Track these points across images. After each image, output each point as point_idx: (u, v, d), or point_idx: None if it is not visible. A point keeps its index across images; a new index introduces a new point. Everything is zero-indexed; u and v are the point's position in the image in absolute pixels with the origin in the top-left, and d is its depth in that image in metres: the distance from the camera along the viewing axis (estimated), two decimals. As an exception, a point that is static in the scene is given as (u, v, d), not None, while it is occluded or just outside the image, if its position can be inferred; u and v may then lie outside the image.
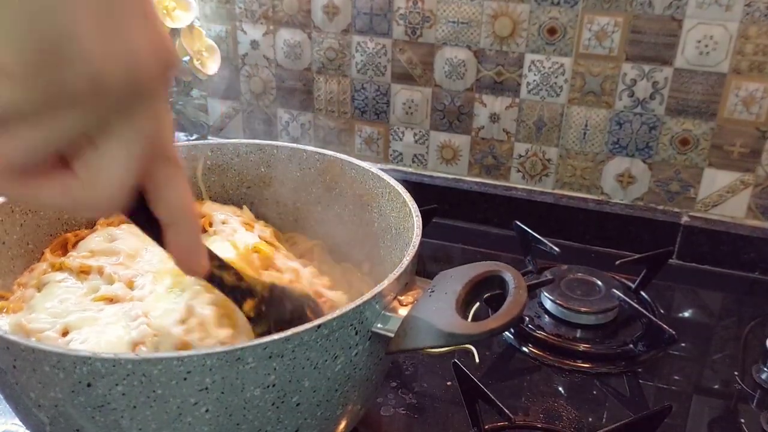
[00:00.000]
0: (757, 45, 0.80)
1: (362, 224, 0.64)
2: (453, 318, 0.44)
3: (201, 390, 0.39)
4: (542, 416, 0.62)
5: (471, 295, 0.47)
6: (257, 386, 0.41)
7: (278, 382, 0.41)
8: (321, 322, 0.41)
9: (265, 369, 0.40)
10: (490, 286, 0.48)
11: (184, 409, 0.40)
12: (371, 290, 0.45)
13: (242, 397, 0.41)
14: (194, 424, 0.41)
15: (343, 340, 0.43)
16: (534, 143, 0.93)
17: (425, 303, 0.46)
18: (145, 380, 0.38)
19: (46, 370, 0.39)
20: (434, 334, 0.44)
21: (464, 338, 0.43)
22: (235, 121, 1.07)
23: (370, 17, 0.93)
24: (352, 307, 0.43)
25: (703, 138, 0.86)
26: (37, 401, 0.41)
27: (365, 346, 0.45)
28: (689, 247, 0.88)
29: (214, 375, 0.39)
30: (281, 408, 0.43)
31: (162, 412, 0.40)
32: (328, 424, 0.48)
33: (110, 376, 0.38)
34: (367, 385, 0.50)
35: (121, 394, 0.39)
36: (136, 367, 0.38)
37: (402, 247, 0.56)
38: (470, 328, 0.43)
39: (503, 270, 0.47)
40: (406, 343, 0.44)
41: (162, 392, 0.39)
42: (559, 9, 0.85)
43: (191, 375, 0.38)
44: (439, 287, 0.48)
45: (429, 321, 0.44)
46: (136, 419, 0.40)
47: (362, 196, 0.63)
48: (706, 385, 0.68)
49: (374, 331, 0.45)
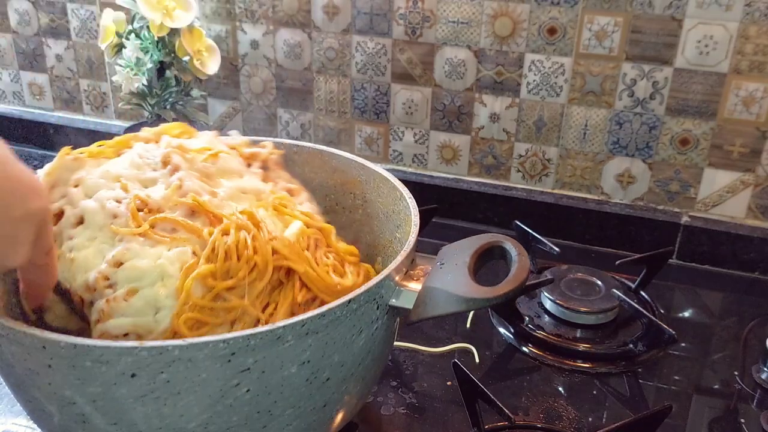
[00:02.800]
0: (757, 45, 0.80)
1: (345, 211, 0.66)
2: (470, 285, 0.48)
3: (243, 371, 0.40)
4: (542, 416, 0.62)
5: (478, 264, 0.51)
6: (294, 363, 0.42)
7: (312, 358, 0.43)
8: (351, 296, 0.44)
9: (301, 346, 0.42)
10: (492, 256, 0.52)
11: (226, 391, 0.41)
12: (386, 268, 0.48)
13: (280, 375, 0.42)
14: (234, 406, 0.42)
15: (367, 315, 0.46)
16: (534, 143, 0.93)
17: (439, 274, 0.50)
18: (191, 365, 0.39)
19: (87, 365, 0.39)
20: (454, 301, 0.47)
21: (483, 302, 0.47)
22: (235, 121, 1.07)
23: (370, 17, 0.93)
24: (374, 282, 0.46)
25: (703, 138, 0.86)
26: (72, 399, 0.41)
27: (383, 321, 0.48)
28: (689, 247, 0.88)
29: (256, 355, 0.40)
30: (313, 384, 0.45)
31: (205, 396, 0.40)
32: (349, 399, 0.50)
33: (156, 364, 0.38)
34: (379, 361, 0.53)
35: (166, 381, 0.39)
36: (182, 352, 0.38)
37: (393, 229, 0.59)
38: (488, 292, 0.47)
39: (503, 240, 0.52)
40: (427, 311, 0.48)
41: (206, 376, 0.39)
42: (559, 9, 0.85)
43: (235, 356, 0.39)
44: (447, 260, 0.52)
45: (447, 290, 0.48)
46: (178, 405, 0.40)
47: (344, 184, 0.65)
48: (706, 385, 0.68)
49: (391, 305, 0.48)
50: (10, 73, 1.18)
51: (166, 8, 0.86)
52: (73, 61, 1.13)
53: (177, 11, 0.87)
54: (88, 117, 1.17)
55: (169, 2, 0.86)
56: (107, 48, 0.92)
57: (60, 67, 1.15)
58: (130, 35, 0.90)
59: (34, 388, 0.43)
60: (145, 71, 0.90)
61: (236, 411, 0.42)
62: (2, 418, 0.59)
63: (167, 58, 0.90)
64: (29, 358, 0.40)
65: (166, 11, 0.86)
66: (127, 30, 0.91)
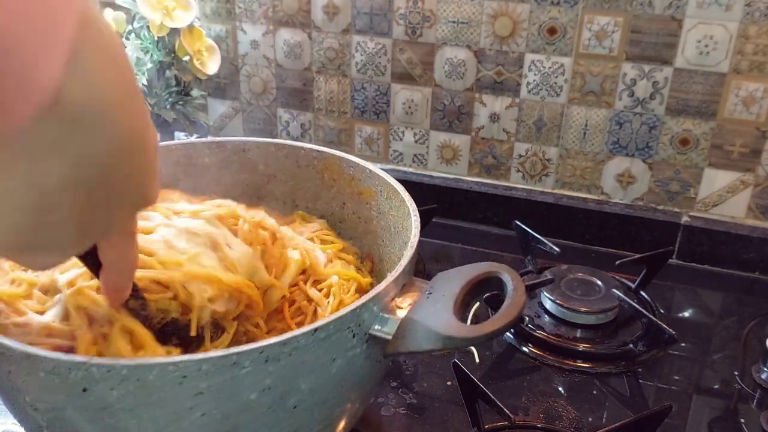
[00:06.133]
0: (757, 45, 0.80)
1: (361, 221, 0.64)
2: (451, 321, 0.44)
3: (197, 395, 0.39)
4: (542, 416, 0.62)
5: (469, 296, 0.47)
6: (253, 390, 0.40)
7: (274, 385, 0.41)
8: (317, 325, 0.41)
9: (261, 373, 0.40)
10: (488, 287, 0.48)
11: (181, 414, 0.39)
12: (368, 293, 0.45)
13: (238, 401, 0.40)
14: (191, 428, 0.40)
15: (341, 343, 0.43)
16: (534, 143, 0.93)
17: (423, 305, 0.46)
18: (140, 385, 0.38)
19: (41, 375, 0.38)
20: (432, 337, 0.43)
21: (461, 341, 0.43)
22: (235, 121, 1.07)
23: (370, 17, 0.93)
24: (349, 310, 0.42)
25: (703, 138, 0.86)
26: (33, 405, 0.41)
27: (363, 349, 0.45)
28: (689, 247, 0.88)
29: (210, 379, 0.38)
30: (278, 411, 0.42)
31: (159, 416, 0.39)
32: (326, 424, 0.48)
33: (105, 381, 0.38)
34: (365, 386, 0.49)
35: (117, 398, 0.38)
36: (131, 372, 0.37)
37: (401, 246, 0.56)
38: (468, 332, 0.43)
39: (501, 271, 0.47)
40: (405, 345, 0.44)
41: (158, 397, 0.38)
42: (559, 9, 0.85)
43: (186, 380, 0.38)
44: (436, 289, 0.47)
45: (426, 324, 0.44)
46: (133, 422, 0.40)
47: (360, 194, 0.64)
48: (706, 385, 0.68)
49: (372, 334, 0.45)
50: (10, 73, 1.18)
51: (166, 8, 0.86)
52: (73, 61, 1.13)
53: (177, 11, 0.87)
54: (88, 117, 1.17)
55: (169, 2, 0.86)
56: (107, 48, 0.92)
57: (60, 67, 1.14)
58: (130, 35, 0.90)
59: (4, 391, 0.43)
60: (145, 71, 0.90)
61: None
62: (2, 418, 0.59)
63: (167, 58, 0.90)
64: None
65: (166, 11, 0.86)
66: (127, 30, 0.90)
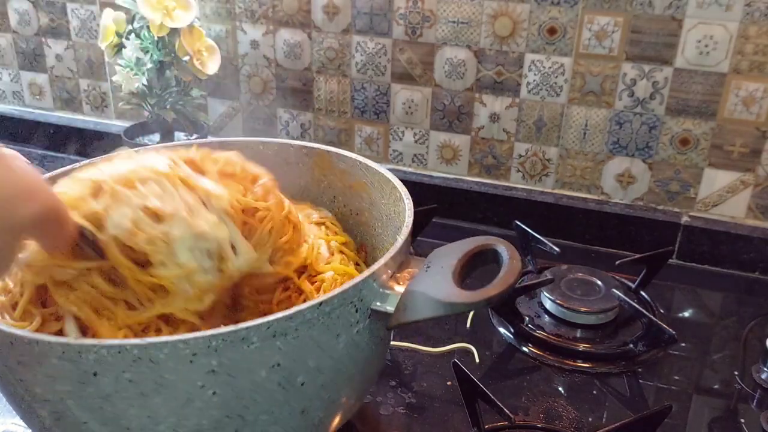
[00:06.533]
0: (757, 45, 0.80)
1: (352, 214, 0.65)
2: (451, 288, 0.45)
3: (208, 372, 0.39)
4: (542, 416, 0.62)
5: (467, 268, 0.48)
6: (263, 367, 0.41)
7: (283, 362, 0.42)
8: (323, 299, 0.42)
9: (270, 348, 0.41)
10: (484, 259, 0.49)
11: (193, 394, 0.40)
12: (367, 269, 0.46)
13: (249, 379, 0.41)
14: (203, 408, 0.41)
15: (345, 317, 0.44)
16: (534, 143, 0.93)
17: (422, 278, 0.48)
18: (153, 365, 0.38)
19: (53, 362, 0.39)
20: (433, 305, 0.45)
21: (464, 306, 0.45)
22: (235, 121, 1.07)
23: (370, 17, 0.93)
24: (351, 284, 0.44)
25: (703, 138, 0.86)
26: (43, 396, 0.41)
27: (365, 324, 0.46)
28: (689, 247, 0.88)
29: (220, 356, 0.39)
30: (287, 389, 0.43)
31: (171, 398, 0.40)
32: (333, 405, 0.49)
33: (117, 363, 0.38)
34: (369, 365, 0.51)
35: (129, 381, 0.39)
36: (142, 352, 0.38)
37: (394, 232, 0.58)
38: (468, 297, 0.44)
39: (496, 243, 0.49)
40: (407, 316, 0.46)
41: (170, 377, 0.39)
42: (559, 9, 0.85)
43: (197, 357, 0.39)
44: (434, 263, 0.49)
45: (427, 293, 0.45)
46: (144, 407, 0.40)
47: (352, 187, 0.64)
48: (706, 385, 0.68)
49: (373, 309, 0.46)
50: (10, 73, 1.18)
51: (166, 8, 0.86)
52: (73, 61, 1.13)
53: (177, 11, 0.87)
54: (88, 117, 1.17)
55: (169, 2, 0.86)
56: (107, 48, 0.92)
57: (60, 67, 1.15)
58: (130, 35, 0.90)
59: (10, 385, 0.43)
60: (145, 71, 0.90)
61: (205, 414, 0.41)
62: (2, 418, 0.59)
63: (167, 58, 0.90)
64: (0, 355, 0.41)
65: (166, 11, 0.86)
66: (127, 30, 0.91)
